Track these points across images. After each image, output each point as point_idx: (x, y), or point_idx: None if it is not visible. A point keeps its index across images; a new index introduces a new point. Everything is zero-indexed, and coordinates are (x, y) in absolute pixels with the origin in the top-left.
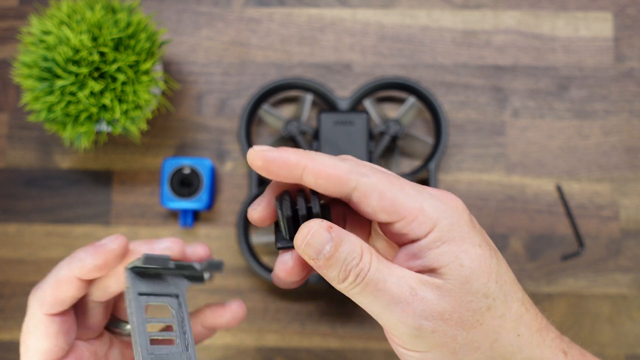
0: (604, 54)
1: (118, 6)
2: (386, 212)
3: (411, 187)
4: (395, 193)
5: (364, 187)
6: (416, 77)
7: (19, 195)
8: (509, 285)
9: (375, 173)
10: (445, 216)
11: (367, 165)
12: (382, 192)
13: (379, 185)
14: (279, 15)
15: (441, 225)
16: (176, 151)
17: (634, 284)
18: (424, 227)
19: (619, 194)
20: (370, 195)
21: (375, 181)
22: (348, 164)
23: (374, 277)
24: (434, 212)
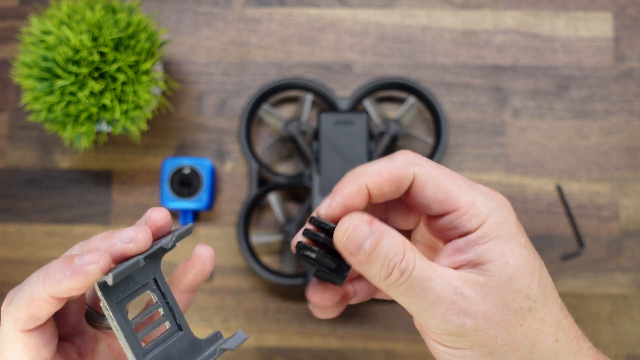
0: (604, 54)
1: (118, 6)
2: (439, 203)
3: (464, 181)
4: (450, 185)
5: (421, 176)
6: (416, 77)
7: (19, 195)
8: (549, 289)
9: (430, 163)
10: (495, 213)
11: (419, 157)
12: (437, 182)
13: (435, 175)
14: (279, 15)
15: (490, 222)
16: (176, 151)
17: (634, 284)
18: (474, 221)
19: (619, 194)
20: (425, 185)
21: (431, 171)
22: (400, 159)
23: (419, 276)
24: (485, 207)
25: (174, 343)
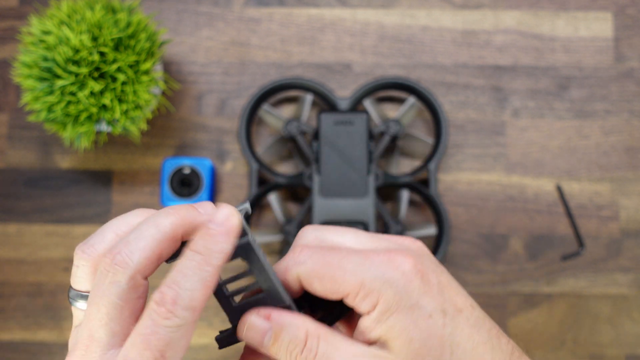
0: (604, 54)
1: (118, 6)
2: (332, 293)
3: (351, 260)
4: (334, 272)
5: (305, 275)
6: (416, 77)
7: (19, 195)
8: (469, 354)
9: (312, 256)
10: (389, 285)
11: (306, 250)
12: (321, 276)
13: (317, 269)
14: (279, 15)
15: (386, 297)
16: (176, 151)
17: (634, 284)
18: (368, 301)
19: (619, 194)
20: (312, 282)
21: (312, 266)
22: (284, 262)
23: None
24: (375, 283)
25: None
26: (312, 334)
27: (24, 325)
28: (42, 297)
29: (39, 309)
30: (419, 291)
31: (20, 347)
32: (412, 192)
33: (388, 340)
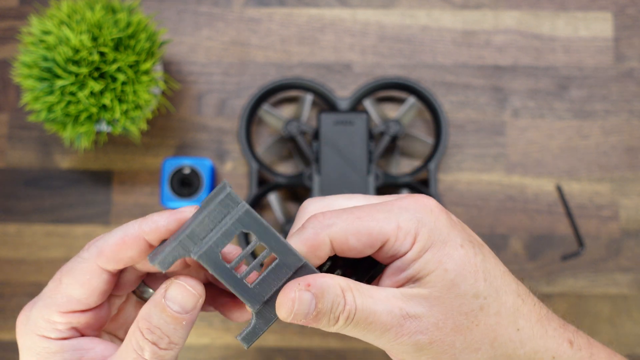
0: (604, 54)
1: (118, 6)
2: (369, 245)
3: (380, 210)
4: (368, 224)
5: (337, 235)
6: (416, 77)
7: (19, 195)
8: (499, 280)
9: (340, 216)
10: (422, 224)
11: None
12: (355, 231)
13: (349, 227)
14: (279, 15)
15: (422, 235)
16: (176, 151)
17: (634, 284)
18: (406, 242)
19: (619, 194)
20: (347, 240)
21: (344, 225)
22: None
23: (362, 314)
24: (410, 224)
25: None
26: (346, 289)
27: None
28: None
29: None
30: (448, 227)
31: None
32: (412, 192)
33: (423, 276)
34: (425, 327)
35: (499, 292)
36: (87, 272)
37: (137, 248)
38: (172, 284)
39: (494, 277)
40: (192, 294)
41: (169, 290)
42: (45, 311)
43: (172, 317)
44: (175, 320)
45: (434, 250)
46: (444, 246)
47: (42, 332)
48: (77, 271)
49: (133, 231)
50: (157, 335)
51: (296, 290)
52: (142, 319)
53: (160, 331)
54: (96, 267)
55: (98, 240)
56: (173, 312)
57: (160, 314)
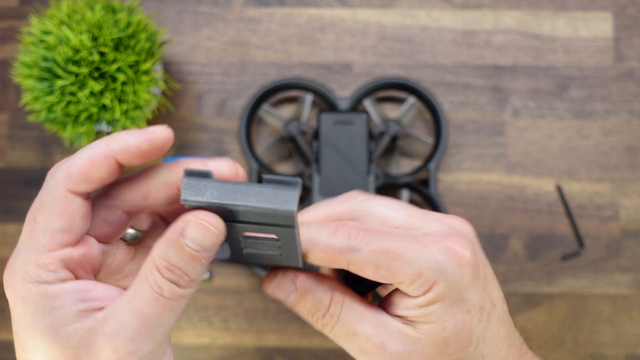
0: (604, 54)
1: (118, 6)
2: (383, 278)
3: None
4: (391, 262)
5: (358, 262)
6: (416, 77)
7: (19, 195)
8: (491, 347)
9: (368, 243)
10: (444, 277)
11: (360, 234)
12: (376, 264)
13: (372, 258)
14: (279, 15)
15: (438, 287)
16: (176, 151)
17: (634, 284)
18: (421, 289)
19: (619, 194)
20: (364, 268)
21: (367, 255)
22: (341, 238)
23: (342, 330)
24: (433, 274)
25: None
26: (337, 301)
27: None
28: None
29: None
30: (468, 285)
31: None
32: (412, 192)
33: (420, 323)
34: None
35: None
36: (59, 200)
37: (107, 168)
38: (190, 222)
39: (486, 345)
40: (213, 233)
41: (189, 230)
42: (31, 256)
43: (192, 256)
44: (195, 259)
45: (442, 304)
46: (453, 305)
47: (34, 278)
48: (49, 202)
49: (101, 151)
50: (176, 275)
51: (280, 277)
52: (159, 258)
53: (180, 270)
54: (67, 193)
55: (62, 165)
56: (192, 252)
57: (178, 254)
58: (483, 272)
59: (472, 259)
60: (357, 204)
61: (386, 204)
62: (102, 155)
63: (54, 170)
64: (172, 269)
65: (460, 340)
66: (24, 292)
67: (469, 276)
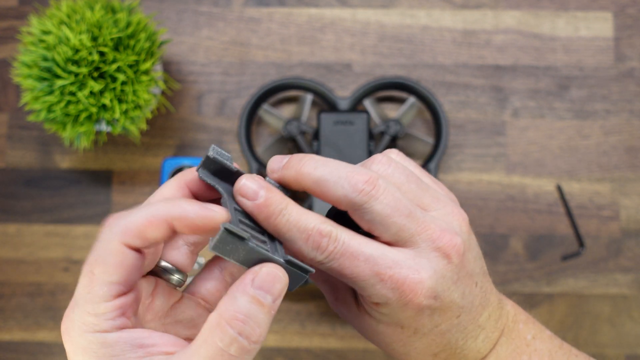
0: (604, 54)
1: (118, 6)
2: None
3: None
4: (353, 269)
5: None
6: (416, 77)
7: (19, 195)
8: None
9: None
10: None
11: (333, 243)
12: (351, 273)
13: (353, 269)
14: (279, 15)
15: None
16: (176, 151)
17: (634, 284)
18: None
19: (619, 194)
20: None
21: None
22: (310, 247)
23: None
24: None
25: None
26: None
27: (24, 325)
28: (42, 297)
29: (39, 309)
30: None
31: (20, 347)
32: None
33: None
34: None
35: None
36: (116, 254)
37: (163, 230)
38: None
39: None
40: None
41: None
42: (90, 307)
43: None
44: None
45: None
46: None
47: (93, 328)
48: (106, 256)
49: (160, 213)
50: (249, 327)
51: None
52: (229, 311)
53: (252, 322)
54: (123, 247)
55: (119, 220)
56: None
57: (250, 304)
58: (469, 269)
59: (463, 248)
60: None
61: (405, 175)
62: (160, 217)
63: (112, 224)
64: (244, 321)
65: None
66: (84, 342)
67: (449, 277)
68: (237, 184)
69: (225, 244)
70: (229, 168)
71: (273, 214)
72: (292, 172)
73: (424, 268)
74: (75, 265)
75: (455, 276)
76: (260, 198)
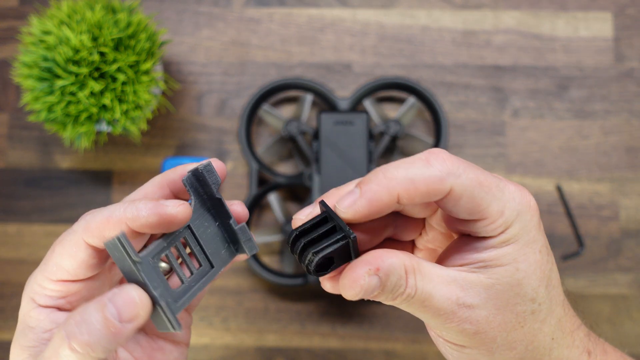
0: (604, 54)
1: (118, 6)
2: (469, 213)
3: (497, 186)
4: (484, 195)
5: (458, 189)
6: (416, 77)
7: (19, 195)
8: (556, 290)
9: (468, 172)
10: (519, 219)
11: (457, 163)
12: (472, 195)
13: (471, 187)
14: (279, 15)
15: (513, 228)
16: (176, 151)
17: (634, 284)
18: (499, 228)
19: (619, 194)
20: (460, 198)
21: (467, 182)
22: (439, 168)
23: (420, 297)
24: (512, 215)
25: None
26: (410, 270)
27: None
28: None
29: None
30: (536, 229)
31: None
32: None
33: (493, 266)
34: (476, 318)
35: (552, 301)
36: (74, 245)
37: (119, 230)
38: (121, 293)
39: (553, 287)
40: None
41: (115, 298)
42: (39, 277)
43: (108, 321)
44: (109, 325)
45: (516, 246)
46: (526, 246)
47: (33, 296)
48: (66, 242)
49: (118, 214)
50: (78, 329)
51: (366, 276)
52: (72, 314)
53: (84, 326)
54: (82, 241)
55: (88, 215)
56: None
57: (96, 312)
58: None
59: (536, 205)
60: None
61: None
62: (116, 218)
63: (83, 216)
64: (78, 323)
65: (533, 280)
66: (24, 303)
67: (536, 220)
68: None
69: (113, 250)
70: (211, 191)
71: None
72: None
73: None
74: None
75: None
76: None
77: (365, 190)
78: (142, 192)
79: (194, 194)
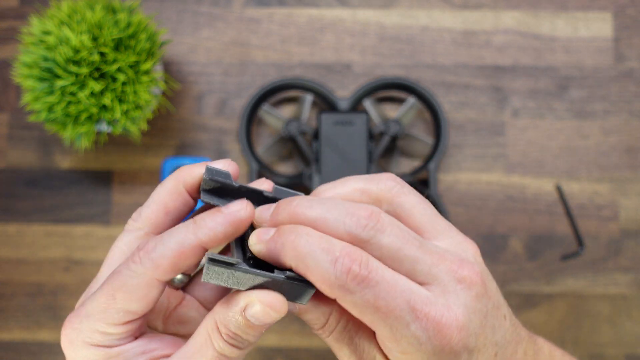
0: (604, 54)
1: (118, 6)
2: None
3: (397, 314)
4: (376, 321)
5: (346, 304)
6: (416, 77)
7: (19, 195)
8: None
9: (364, 290)
10: (422, 351)
11: (365, 269)
12: (362, 313)
13: (361, 307)
14: (279, 15)
15: (414, 357)
16: (176, 151)
17: (634, 284)
18: (406, 343)
19: (619, 194)
20: (351, 309)
21: (359, 302)
22: (338, 270)
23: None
24: (410, 349)
25: None
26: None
27: (24, 325)
28: (42, 297)
29: (39, 309)
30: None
31: (20, 347)
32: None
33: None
34: None
35: None
36: (143, 287)
37: (195, 257)
38: (254, 304)
39: None
40: (274, 316)
41: (252, 309)
42: (100, 325)
43: (252, 327)
44: (255, 329)
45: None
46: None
47: (97, 343)
48: (133, 287)
49: (190, 242)
50: (237, 341)
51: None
52: (222, 325)
53: (241, 338)
54: (154, 281)
55: (151, 253)
56: (254, 325)
57: (241, 327)
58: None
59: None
60: (388, 189)
61: (419, 197)
62: (190, 246)
63: (144, 257)
64: (234, 337)
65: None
66: (87, 353)
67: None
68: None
69: (214, 274)
70: (229, 186)
71: (292, 235)
72: (284, 216)
73: (455, 304)
74: (75, 265)
75: (484, 309)
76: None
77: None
78: (158, 201)
79: (220, 202)
